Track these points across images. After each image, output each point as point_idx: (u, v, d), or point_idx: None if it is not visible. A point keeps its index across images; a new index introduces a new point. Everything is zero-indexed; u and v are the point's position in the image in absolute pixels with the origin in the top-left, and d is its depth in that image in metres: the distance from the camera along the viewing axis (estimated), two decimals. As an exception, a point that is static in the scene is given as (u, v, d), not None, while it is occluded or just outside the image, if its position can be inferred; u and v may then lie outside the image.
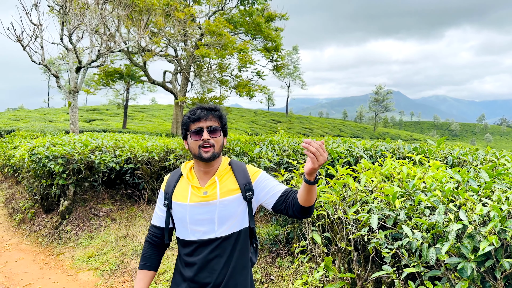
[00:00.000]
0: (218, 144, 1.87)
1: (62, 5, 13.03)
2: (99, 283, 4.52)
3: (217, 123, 1.90)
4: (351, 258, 3.04)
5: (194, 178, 1.95)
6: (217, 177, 1.92)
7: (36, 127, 25.55)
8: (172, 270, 4.43)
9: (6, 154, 9.88)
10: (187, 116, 1.90)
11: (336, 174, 3.30)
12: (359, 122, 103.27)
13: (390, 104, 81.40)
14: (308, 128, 60.41)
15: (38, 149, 6.58)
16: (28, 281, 4.77)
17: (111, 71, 26.33)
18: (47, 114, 47.09)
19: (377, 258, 2.79)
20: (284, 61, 33.38)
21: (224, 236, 1.88)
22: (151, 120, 49.08)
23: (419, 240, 2.24)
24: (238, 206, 1.91)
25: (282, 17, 29.68)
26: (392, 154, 4.74)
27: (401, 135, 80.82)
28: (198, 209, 1.88)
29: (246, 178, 1.94)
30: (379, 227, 2.67)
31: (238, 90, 27.28)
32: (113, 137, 8.24)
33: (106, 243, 5.52)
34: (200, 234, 1.88)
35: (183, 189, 1.95)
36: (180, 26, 23.04)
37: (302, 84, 76.03)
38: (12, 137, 13.02)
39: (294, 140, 5.92)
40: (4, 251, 5.88)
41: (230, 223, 1.89)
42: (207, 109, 1.89)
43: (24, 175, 7.58)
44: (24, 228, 6.86)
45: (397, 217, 2.54)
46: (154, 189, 6.75)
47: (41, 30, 12.88)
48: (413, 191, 2.74)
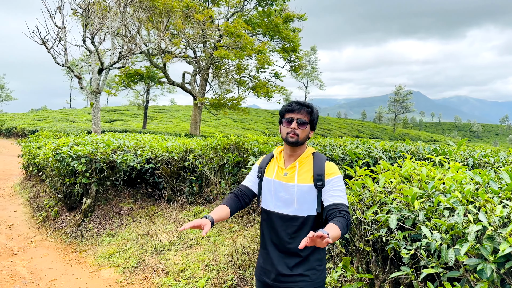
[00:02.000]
0: (302, 134, 2.22)
1: (85, 8, 13.33)
2: (120, 280, 4.63)
3: (307, 117, 2.23)
4: (369, 258, 3.04)
5: (281, 160, 2.35)
6: (298, 163, 2.26)
7: (59, 127, 26.18)
8: (191, 269, 4.51)
9: (31, 153, 10.16)
10: (285, 106, 2.28)
11: (354, 175, 3.31)
12: (378, 123, 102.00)
13: (410, 105, 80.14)
14: (326, 129, 60.03)
15: (62, 149, 6.75)
16: (52, 277, 4.91)
17: (132, 72, 26.71)
18: (69, 114, 48.10)
19: (396, 259, 2.79)
20: (302, 61, 33.26)
21: (298, 215, 2.21)
22: (170, 120, 49.60)
23: (438, 241, 2.24)
24: (310, 192, 2.21)
25: (301, 18, 29.58)
26: (411, 155, 4.70)
27: (421, 136, 79.49)
28: (279, 186, 2.26)
29: (321, 170, 2.22)
30: (398, 228, 2.67)
31: (256, 91, 27.32)
32: (134, 137, 8.39)
33: (127, 240, 5.64)
34: (278, 207, 2.26)
35: (272, 167, 2.37)
36: (199, 27, 23.24)
37: (320, 85, 75.59)
38: (36, 137, 13.36)
39: (312, 141, 5.93)
40: (29, 248, 6.07)
41: (306, 207, 2.20)
42: (301, 104, 2.24)
43: (48, 174, 7.80)
44: (48, 225, 7.05)
45: (416, 218, 2.54)
46: (173, 188, 6.85)
47: (65, 33, 13.20)
48: (432, 192, 2.73)
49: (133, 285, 4.49)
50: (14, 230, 7.01)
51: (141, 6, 16.73)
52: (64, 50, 13.31)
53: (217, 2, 28.45)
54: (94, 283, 4.64)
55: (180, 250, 5.09)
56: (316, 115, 2.27)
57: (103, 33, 14.18)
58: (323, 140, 6.11)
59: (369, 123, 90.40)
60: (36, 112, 58.79)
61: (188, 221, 5.89)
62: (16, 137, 27.65)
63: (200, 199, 6.61)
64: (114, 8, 14.21)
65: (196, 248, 5.07)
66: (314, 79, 75.19)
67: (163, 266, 4.72)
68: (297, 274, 2.20)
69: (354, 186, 3.06)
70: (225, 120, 56.13)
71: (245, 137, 6.30)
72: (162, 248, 5.18)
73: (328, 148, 5.27)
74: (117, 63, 14.53)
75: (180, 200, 6.66)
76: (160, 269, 4.68)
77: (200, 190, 6.72)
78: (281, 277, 2.23)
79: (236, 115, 48.30)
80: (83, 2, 13.45)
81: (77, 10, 14.10)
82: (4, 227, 7.15)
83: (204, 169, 6.34)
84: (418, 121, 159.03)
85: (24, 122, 31.79)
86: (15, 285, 4.65)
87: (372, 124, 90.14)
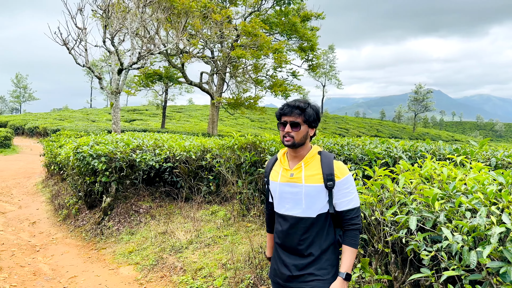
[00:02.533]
0: (298, 136, 2.20)
1: (105, 9, 13.55)
2: (139, 278, 4.69)
3: (299, 118, 2.20)
4: (388, 260, 3.00)
5: (286, 161, 2.33)
6: (304, 163, 2.25)
7: (80, 126, 26.67)
8: (209, 267, 4.53)
9: (53, 152, 10.37)
10: (278, 110, 2.28)
11: (373, 175, 3.26)
12: (398, 122, 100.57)
13: (430, 104, 78.72)
14: (343, 128, 59.55)
15: (83, 148, 6.88)
16: (73, 274, 5.01)
17: (151, 72, 27.01)
18: (90, 114, 48.98)
19: (415, 260, 2.74)
20: (320, 60, 33.05)
21: (307, 216, 2.21)
22: (188, 120, 50.00)
23: (460, 243, 2.19)
24: (320, 192, 2.20)
25: (318, 17, 29.40)
26: (432, 155, 4.62)
27: (442, 135, 78.10)
28: (285, 188, 2.26)
29: (330, 169, 2.20)
30: (418, 229, 2.63)
31: (273, 90, 27.27)
32: (153, 137, 8.48)
33: (146, 238, 5.70)
34: (287, 209, 2.26)
35: (276, 170, 2.36)
36: (217, 27, 23.35)
37: (338, 84, 75.01)
38: (57, 136, 13.63)
39: (330, 140, 5.89)
40: (50, 245, 6.20)
41: (315, 207, 2.20)
42: (291, 106, 2.22)
43: (69, 172, 7.95)
44: (69, 223, 7.19)
45: (437, 219, 2.49)
46: (191, 187, 6.90)
47: (85, 34, 13.44)
48: (453, 193, 2.67)
49: (152, 283, 4.54)
50: (37, 227, 7.17)
51: (159, 6, 16.91)
52: (85, 50, 13.56)
53: (234, 2, 28.53)
54: (113, 281, 4.72)
55: (197, 248, 5.12)
56: (311, 113, 2.23)
57: (123, 33, 14.39)
58: (341, 140, 6.05)
59: (388, 123, 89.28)
60: (57, 111, 60.08)
61: (205, 220, 5.93)
62: (39, 136, 28.30)
63: (218, 198, 6.64)
64: (133, 9, 14.40)
65: (213, 247, 5.10)
66: (332, 78, 74.65)
67: (181, 265, 4.76)
68: (308, 274, 2.21)
69: (373, 186, 3.02)
70: (242, 119, 56.27)
71: (262, 137, 6.30)
72: (180, 247, 5.22)
73: (346, 147, 5.22)
74: (136, 63, 14.73)
75: (197, 199, 6.70)
76: (178, 267, 4.72)
77: (218, 189, 6.75)
78: (292, 278, 2.25)
79: (253, 114, 48.37)
80: (103, 3, 13.68)
81: (97, 11, 14.35)
82: (27, 224, 7.33)
83: (221, 168, 6.37)
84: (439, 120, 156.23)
85: (46, 122, 32.50)
86: (37, 281, 4.76)
87: (391, 123, 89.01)
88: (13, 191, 10.33)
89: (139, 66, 15.64)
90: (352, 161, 4.84)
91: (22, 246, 6.02)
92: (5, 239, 6.29)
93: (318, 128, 16.57)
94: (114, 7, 13.83)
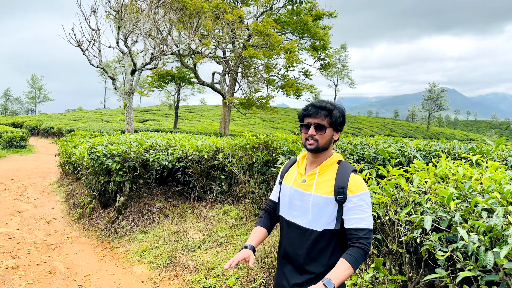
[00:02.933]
0: (323, 140, 2.03)
1: (118, 11, 13.68)
2: (153, 276, 4.72)
3: (325, 121, 2.03)
4: (402, 260, 2.97)
5: (303, 165, 2.17)
6: (319, 170, 2.07)
7: (94, 127, 26.99)
8: (222, 266, 4.54)
9: (67, 152, 10.52)
10: (302, 110, 2.12)
11: (387, 175, 3.24)
12: (411, 121, 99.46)
13: (444, 103, 77.64)
14: (356, 128, 59.16)
15: (97, 148, 6.96)
16: (87, 272, 5.07)
17: (163, 73, 27.20)
18: (103, 114, 49.53)
19: (430, 261, 2.71)
20: (332, 59, 32.87)
21: (312, 229, 2.03)
22: (200, 120, 50.22)
23: (476, 243, 2.16)
24: (328, 205, 2.00)
25: (331, 15, 29.26)
26: (447, 154, 4.56)
27: (457, 135, 77.05)
28: (295, 194, 2.10)
29: (344, 182, 1.99)
30: (433, 229, 2.60)
31: (285, 89, 27.23)
32: (165, 137, 8.54)
33: (159, 238, 5.74)
34: (293, 216, 2.10)
35: (292, 173, 2.21)
36: (229, 28, 23.41)
37: (351, 83, 74.53)
38: (72, 136, 13.83)
39: (342, 140, 5.85)
40: (65, 244, 6.29)
41: (323, 220, 2.01)
42: (317, 107, 2.05)
43: (84, 172, 8.05)
44: (84, 222, 7.28)
45: (452, 219, 2.46)
46: (203, 187, 6.93)
47: (99, 35, 13.60)
48: (469, 192, 2.63)
49: (165, 281, 4.57)
50: (52, 226, 7.28)
51: (172, 7, 17.01)
52: (98, 51, 13.72)
53: (246, 2, 28.56)
54: (127, 279, 4.76)
55: (210, 248, 5.14)
56: (337, 115, 2.05)
57: (136, 34, 14.52)
58: (354, 139, 6.01)
59: (401, 122, 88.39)
60: (72, 112, 60.91)
61: (218, 219, 5.95)
62: (53, 136, 28.70)
63: (230, 198, 6.65)
64: (146, 10, 14.52)
65: (226, 246, 5.11)
66: (344, 77, 74.20)
67: (194, 264, 4.78)
68: None
69: (386, 186, 2.99)
70: (254, 119, 56.30)
71: (274, 136, 6.29)
72: (192, 246, 5.24)
73: (359, 147, 5.18)
74: (149, 64, 14.84)
75: (210, 198, 6.72)
76: (191, 266, 4.74)
77: (230, 189, 6.77)
78: None
79: (265, 114, 48.34)
80: (116, 5, 13.82)
81: (110, 12, 14.50)
82: (43, 223, 7.44)
83: (233, 168, 6.38)
84: (453, 119, 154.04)
85: (60, 122, 32.97)
86: (53, 279, 4.83)
87: (404, 122, 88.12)
88: (29, 190, 10.50)
89: (152, 67, 15.76)
90: (365, 161, 4.80)
91: (38, 245, 6.12)
92: (22, 237, 6.39)
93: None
94: (127, 8, 13.96)
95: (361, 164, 3.90)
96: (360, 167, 3.60)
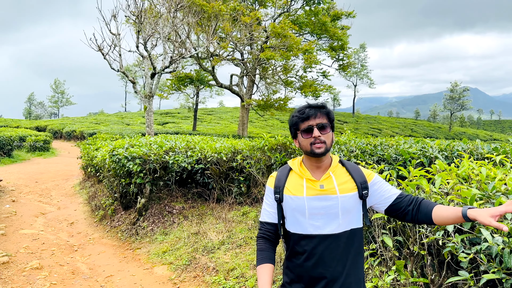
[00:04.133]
0: (329, 139, 1.93)
1: (137, 15, 13.90)
2: (173, 277, 4.76)
3: (326, 119, 1.94)
4: (424, 262, 2.92)
5: (307, 172, 1.99)
6: (332, 172, 1.97)
7: (115, 130, 27.45)
8: (241, 268, 4.54)
9: (89, 155, 10.72)
10: (296, 115, 1.96)
11: (408, 176, 3.19)
12: (433, 121, 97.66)
13: (467, 102, 75.94)
14: (376, 129, 58.43)
15: (118, 150, 7.07)
16: (109, 273, 5.15)
17: (182, 76, 27.46)
18: (124, 118, 50.35)
19: (453, 263, 2.65)
20: (351, 60, 32.59)
21: (342, 232, 1.91)
22: (218, 122, 50.50)
23: (500, 245, 2.10)
24: (356, 202, 1.96)
25: (349, 15, 29.03)
26: (469, 154, 4.46)
27: (480, 135, 75.24)
28: (316, 202, 1.91)
29: (362, 177, 1.99)
30: (455, 230, 2.54)
31: (303, 90, 27.13)
32: (184, 139, 8.62)
33: (179, 239, 5.79)
34: (318, 228, 1.91)
35: (296, 183, 1.98)
36: (247, 30, 23.48)
37: (370, 83, 73.67)
38: (94, 139, 14.08)
39: (362, 141, 5.79)
40: (88, 245, 6.41)
41: (350, 220, 1.94)
42: (315, 107, 1.95)
43: (105, 174, 8.19)
44: (105, 223, 7.41)
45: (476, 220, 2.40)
46: (222, 188, 6.96)
47: (119, 39, 13.84)
48: (493, 193, 2.57)
49: (185, 282, 4.61)
50: (74, 227, 7.43)
51: (190, 11, 17.18)
52: (119, 56, 13.96)
53: (264, 4, 28.60)
54: (148, 280, 4.82)
55: (229, 249, 5.16)
56: (333, 115, 2.00)
57: (155, 38, 14.70)
58: (374, 140, 5.94)
59: (423, 122, 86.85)
60: (93, 116, 62.12)
61: (237, 221, 5.96)
62: (76, 139, 29.33)
63: (248, 199, 6.66)
64: (165, 14, 14.70)
65: (245, 248, 5.11)
66: (364, 77, 73.41)
67: (213, 265, 4.80)
68: None
69: (408, 187, 2.95)
70: (272, 121, 56.26)
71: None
72: (212, 247, 5.27)
73: (379, 147, 5.11)
74: (169, 67, 15.02)
75: (229, 200, 6.75)
76: (211, 267, 4.77)
77: (248, 191, 6.78)
78: None
79: (283, 115, 48.26)
80: (136, 10, 14.04)
81: (130, 17, 14.73)
82: (65, 224, 7.61)
83: (251, 170, 6.39)
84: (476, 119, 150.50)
85: (82, 126, 33.67)
86: (76, 279, 4.93)
87: (426, 122, 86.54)
88: (52, 192, 10.75)
89: (171, 70, 15.93)
90: (385, 161, 4.74)
91: (61, 246, 6.25)
92: (46, 238, 6.55)
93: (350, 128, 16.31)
94: (146, 12, 14.17)
95: (381, 165, 3.85)
96: (380, 167, 3.56)
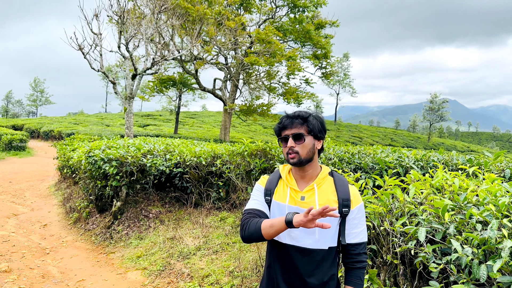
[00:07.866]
0: (303, 150, 1.90)
1: (120, 15, 13.74)
2: (146, 283, 4.68)
3: (302, 129, 1.93)
4: (397, 271, 2.94)
5: (293, 180, 2.00)
6: (316, 185, 1.95)
7: (94, 130, 27.00)
8: (216, 274, 4.50)
9: (66, 155, 10.49)
10: (277, 124, 2.01)
11: (383, 185, 3.21)
12: (412, 131, 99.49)
13: (446, 113, 77.69)
14: (357, 137, 59.11)
15: (94, 152, 6.94)
16: (81, 277, 5.02)
17: (165, 78, 27.26)
18: (104, 118, 49.58)
19: (425, 273, 2.68)
20: (334, 68, 32.93)
21: (319, 249, 1.90)
22: (201, 126, 50.24)
23: (469, 256, 2.13)
24: (334, 220, 1.92)
25: (333, 24, 29.37)
26: (444, 165, 4.53)
27: (457, 146, 76.91)
28: None
29: (347, 194, 1.94)
30: (427, 240, 2.57)
31: (286, 97, 27.26)
32: (164, 142, 8.53)
33: (154, 244, 5.70)
34: (293, 239, 1.92)
35: (283, 189, 2.00)
36: (231, 34, 23.48)
37: (352, 92, 74.58)
38: (71, 139, 13.78)
39: (341, 149, 5.83)
40: (60, 248, 6.25)
41: (328, 238, 1.92)
42: (291, 117, 1.96)
43: (81, 176, 8.02)
44: (79, 226, 7.24)
45: (447, 231, 2.43)
46: (201, 193, 6.90)
47: (101, 39, 13.64)
48: (464, 204, 2.61)
49: (158, 288, 4.53)
50: (47, 230, 7.24)
51: (174, 13, 17.09)
52: (100, 56, 13.76)
53: (249, 10, 28.69)
54: (120, 285, 4.72)
55: (205, 255, 5.10)
56: (315, 122, 1.94)
57: (138, 39, 14.56)
58: (352, 148, 5.99)
59: (403, 132, 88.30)
60: (73, 116, 60.99)
61: (214, 226, 5.91)
62: (54, 139, 28.69)
63: (227, 205, 6.61)
64: (148, 15, 14.59)
65: (221, 254, 5.07)
66: (346, 86, 74.27)
67: (188, 271, 4.74)
68: None
69: (382, 196, 2.97)
70: (254, 126, 56.31)
71: (273, 143, 6.27)
72: (188, 253, 5.20)
73: (357, 156, 5.16)
74: (151, 69, 14.88)
75: (207, 205, 6.69)
76: (185, 273, 4.70)
77: (227, 196, 6.73)
78: None
79: (265, 121, 48.35)
80: (118, 9, 13.88)
81: (113, 17, 14.56)
82: (38, 226, 7.40)
83: (231, 175, 6.35)
84: (454, 130, 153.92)
85: (61, 126, 32.99)
86: (46, 283, 4.79)
87: (406, 132, 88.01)
88: (26, 193, 10.47)
89: (153, 72, 15.81)
90: (362, 170, 4.78)
91: (32, 248, 6.07)
92: (16, 241, 6.35)
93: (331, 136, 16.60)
94: (129, 13, 14.02)
95: (357, 173, 3.88)
96: (356, 176, 3.58)
